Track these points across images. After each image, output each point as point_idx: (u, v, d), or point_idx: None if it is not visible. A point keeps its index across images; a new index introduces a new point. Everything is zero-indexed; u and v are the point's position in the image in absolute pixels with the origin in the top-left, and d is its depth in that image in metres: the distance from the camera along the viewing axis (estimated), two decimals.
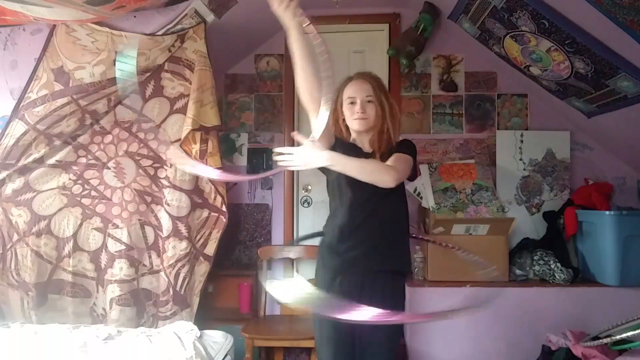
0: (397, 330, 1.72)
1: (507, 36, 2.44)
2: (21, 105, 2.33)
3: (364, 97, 1.69)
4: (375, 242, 1.68)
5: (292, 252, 2.96)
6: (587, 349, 2.10)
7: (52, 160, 2.47)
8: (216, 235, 2.66)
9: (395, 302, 1.67)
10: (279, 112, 3.21)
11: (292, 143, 3.17)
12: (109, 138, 2.57)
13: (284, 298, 1.54)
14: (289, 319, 2.86)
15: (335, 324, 1.62)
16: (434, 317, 1.39)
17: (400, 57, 3.00)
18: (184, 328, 2.18)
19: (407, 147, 1.70)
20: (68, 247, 2.50)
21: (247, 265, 3.14)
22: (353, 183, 1.63)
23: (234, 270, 3.09)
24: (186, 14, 2.42)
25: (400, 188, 1.74)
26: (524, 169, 2.98)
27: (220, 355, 2.10)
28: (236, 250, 3.16)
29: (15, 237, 2.44)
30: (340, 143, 1.73)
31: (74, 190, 2.52)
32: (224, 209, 2.64)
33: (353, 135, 1.77)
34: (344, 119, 1.74)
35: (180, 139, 2.53)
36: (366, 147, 1.75)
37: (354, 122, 1.70)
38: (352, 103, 1.70)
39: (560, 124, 3.02)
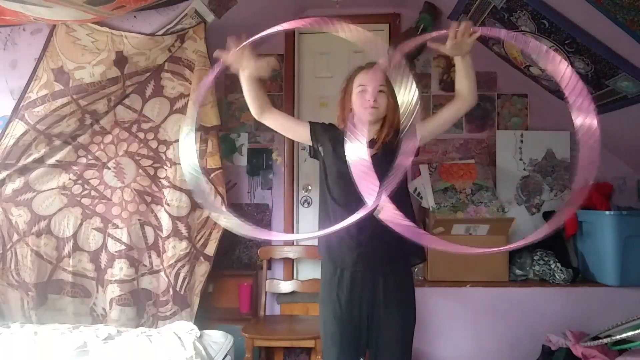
0: (410, 326, 1.68)
1: None
2: (21, 105, 2.33)
3: (376, 87, 1.62)
4: (391, 232, 1.59)
5: (292, 252, 2.96)
6: (587, 349, 2.10)
7: (52, 160, 2.47)
8: (216, 235, 2.66)
9: (413, 294, 1.70)
10: None
11: (292, 143, 3.17)
12: (109, 138, 2.57)
13: None
14: (289, 319, 2.86)
15: (341, 322, 1.64)
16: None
17: None
18: (184, 328, 2.18)
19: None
20: (68, 247, 2.49)
21: (247, 265, 3.14)
22: (345, 181, 1.58)
23: (234, 270, 3.09)
24: (186, 14, 2.42)
25: (404, 179, 1.70)
26: (524, 169, 2.98)
27: (220, 355, 2.10)
28: (236, 250, 3.16)
29: (15, 237, 2.44)
30: (334, 133, 1.71)
31: (74, 190, 2.52)
32: (223, 209, 2.64)
33: (361, 123, 1.67)
34: (351, 109, 1.69)
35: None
36: (369, 136, 1.64)
37: (364, 111, 1.62)
38: (363, 91, 1.64)
39: (560, 124, 3.01)
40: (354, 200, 1.54)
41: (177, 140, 2.55)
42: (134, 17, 2.35)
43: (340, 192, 1.66)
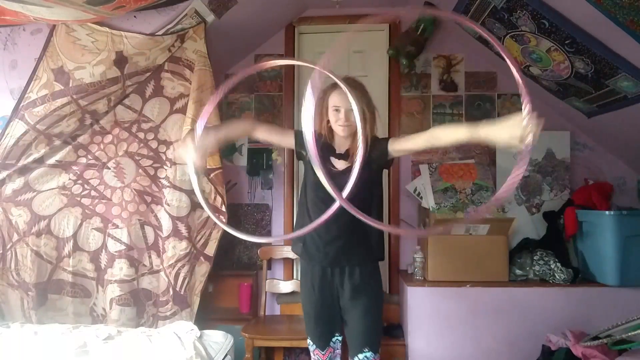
0: (375, 306, 1.93)
1: (507, 36, 2.44)
2: (21, 105, 2.33)
3: (347, 107, 1.83)
4: (354, 233, 1.87)
5: (292, 252, 2.96)
6: (587, 349, 2.10)
7: (52, 160, 2.47)
8: (216, 235, 2.66)
9: (378, 285, 1.96)
10: (279, 112, 3.21)
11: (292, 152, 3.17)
12: (109, 138, 2.57)
13: None
14: (289, 319, 2.87)
15: (316, 304, 1.94)
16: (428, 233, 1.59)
17: (400, 57, 3.00)
18: (184, 328, 2.18)
19: (383, 140, 1.91)
20: (68, 247, 2.50)
21: (247, 265, 3.14)
22: (322, 189, 1.82)
23: (234, 270, 3.09)
24: (186, 14, 2.42)
25: (379, 179, 1.96)
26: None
27: (220, 355, 2.10)
28: (236, 250, 3.16)
29: (15, 237, 2.44)
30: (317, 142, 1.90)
31: (74, 190, 2.52)
32: (223, 209, 2.64)
33: (336, 136, 1.95)
34: (328, 121, 1.92)
35: (180, 139, 2.53)
36: (342, 148, 1.93)
37: (338, 127, 1.87)
38: (336, 110, 1.86)
39: (560, 124, 3.01)
40: (325, 199, 1.78)
41: (177, 140, 2.56)
42: (134, 17, 2.35)
43: (316, 190, 1.88)
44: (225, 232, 2.67)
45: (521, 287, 2.61)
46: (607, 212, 2.56)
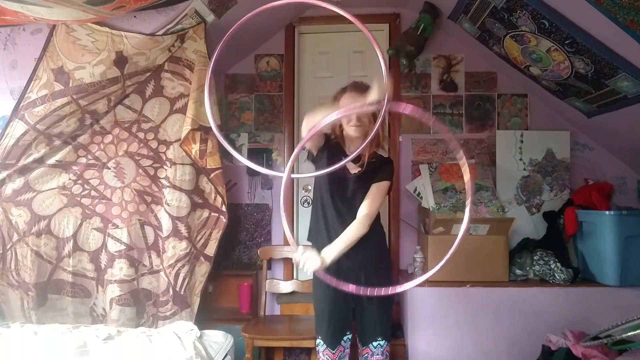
0: (388, 305, 2.02)
1: (507, 36, 2.44)
2: (21, 105, 2.32)
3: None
4: (368, 241, 1.95)
5: (292, 252, 2.96)
6: (587, 349, 2.10)
7: (52, 160, 2.47)
8: (216, 235, 2.66)
9: (388, 276, 2.05)
10: (279, 112, 3.22)
11: (292, 143, 3.17)
12: (109, 138, 2.57)
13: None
14: (289, 319, 2.87)
15: (330, 301, 1.98)
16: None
17: (400, 57, 3.00)
18: (184, 328, 2.18)
19: (387, 173, 2.00)
20: (68, 247, 2.50)
21: (247, 265, 3.14)
22: (337, 190, 1.98)
23: (234, 270, 3.09)
24: (186, 14, 2.42)
25: None
26: (524, 169, 2.98)
27: (220, 355, 2.10)
28: (236, 250, 3.17)
29: (15, 237, 2.44)
30: (328, 144, 2.03)
31: (74, 190, 2.52)
32: (224, 209, 2.64)
33: (348, 138, 2.02)
34: (340, 125, 1.99)
35: (180, 139, 2.53)
36: (353, 150, 1.96)
37: (350, 128, 1.95)
38: None
39: (560, 124, 3.02)
40: (340, 198, 1.98)
41: (177, 140, 2.56)
42: (134, 17, 2.35)
43: (332, 191, 1.99)
44: (225, 232, 2.68)
45: (521, 287, 2.61)
46: (607, 212, 2.56)
